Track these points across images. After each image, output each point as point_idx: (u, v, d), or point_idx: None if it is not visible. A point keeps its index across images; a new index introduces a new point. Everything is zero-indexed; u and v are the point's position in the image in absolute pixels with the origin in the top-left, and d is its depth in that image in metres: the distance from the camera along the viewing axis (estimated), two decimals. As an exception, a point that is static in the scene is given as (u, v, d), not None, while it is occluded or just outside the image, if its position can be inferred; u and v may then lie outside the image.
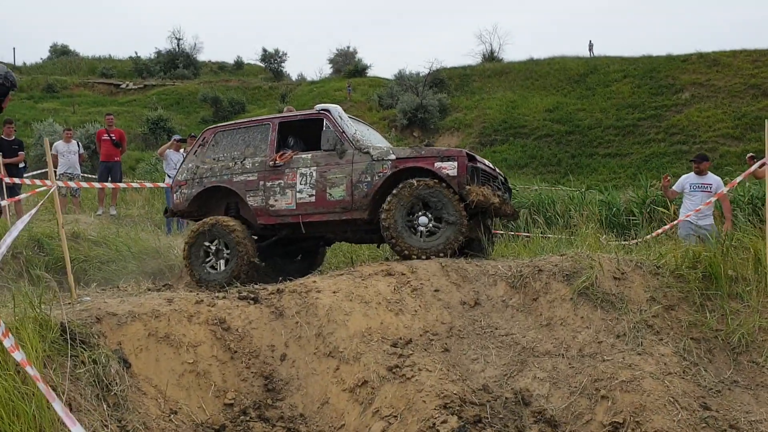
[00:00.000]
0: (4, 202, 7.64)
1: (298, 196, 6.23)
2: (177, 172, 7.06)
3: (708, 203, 7.60)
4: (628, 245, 7.17)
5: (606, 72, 36.11)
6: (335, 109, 6.52)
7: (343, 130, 6.27)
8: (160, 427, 3.90)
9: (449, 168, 5.79)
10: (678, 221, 7.88)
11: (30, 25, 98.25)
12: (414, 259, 5.66)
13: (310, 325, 4.84)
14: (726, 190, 7.79)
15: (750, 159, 10.30)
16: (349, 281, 5.26)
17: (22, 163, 11.05)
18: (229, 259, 6.29)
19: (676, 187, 8.21)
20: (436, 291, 5.19)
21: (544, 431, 4.08)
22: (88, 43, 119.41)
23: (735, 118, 29.61)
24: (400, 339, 4.72)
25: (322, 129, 6.29)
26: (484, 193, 5.74)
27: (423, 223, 5.82)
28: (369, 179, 6.02)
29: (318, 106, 6.65)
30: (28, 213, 4.56)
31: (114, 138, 11.96)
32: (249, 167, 6.50)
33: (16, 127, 11.58)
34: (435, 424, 3.91)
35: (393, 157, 6.02)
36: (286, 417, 4.33)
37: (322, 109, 6.52)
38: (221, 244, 6.37)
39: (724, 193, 7.73)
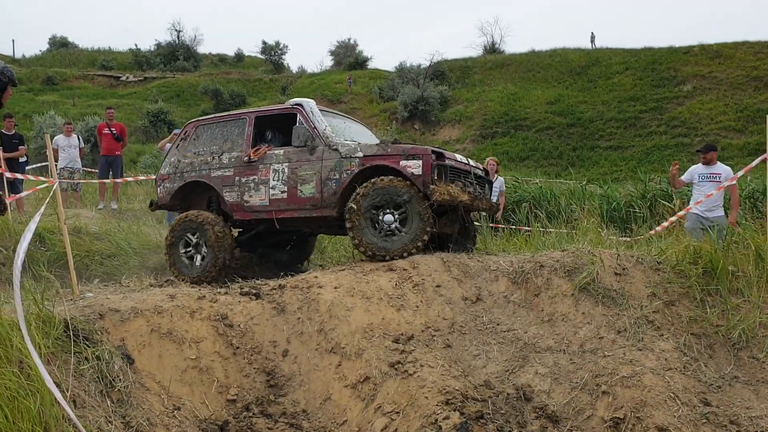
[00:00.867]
0: (8, 200, 7.62)
1: (271, 192, 6.22)
2: (161, 166, 7.03)
3: (720, 188, 7.45)
4: (634, 241, 7.13)
5: (608, 64, 35.98)
6: (308, 103, 6.44)
7: (314, 126, 6.21)
8: (163, 423, 3.92)
9: (414, 167, 5.69)
10: (685, 211, 7.75)
11: (29, 17, 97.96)
12: (378, 260, 5.60)
13: (311, 321, 4.85)
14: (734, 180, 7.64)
15: None
16: (351, 276, 5.27)
17: (23, 158, 11.05)
18: (205, 255, 6.31)
19: (684, 177, 8.06)
20: (438, 287, 5.20)
21: (545, 427, 4.09)
22: (87, 35, 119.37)
23: (737, 110, 29.55)
24: (402, 335, 4.73)
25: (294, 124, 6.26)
26: (449, 192, 5.64)
27: (388, 221, 5.71)
28: (337, 176, 5.97)
29: (291, 101, 6.59)
30: (38, 212, 4.54)
31: (115, 132, 11.92)
32: (225, 162, 6.50)
33: (16, 120, 11.57)
34: (437, 420, 3.92)
35: (360, 154, 5.95)
36: (289, 413, 4.35)
37: (295, 104, 6.45)
38: (200, 239, 6.36)
39: (735, 181, 7.56)
